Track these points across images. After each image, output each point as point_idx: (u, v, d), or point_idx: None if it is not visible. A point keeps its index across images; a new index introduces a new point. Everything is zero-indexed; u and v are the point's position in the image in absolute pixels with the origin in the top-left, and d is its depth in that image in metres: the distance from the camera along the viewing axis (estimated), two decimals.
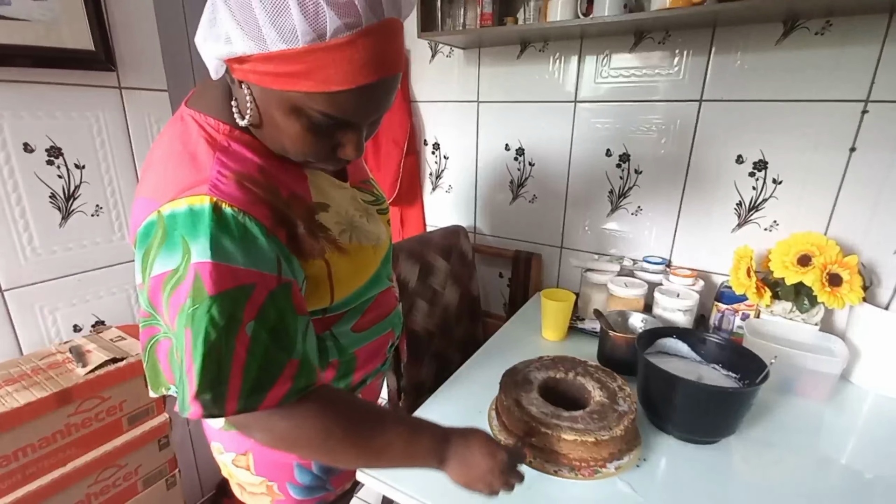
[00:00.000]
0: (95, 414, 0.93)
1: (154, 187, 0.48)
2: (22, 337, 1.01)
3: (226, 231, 0.45)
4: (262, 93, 0.46)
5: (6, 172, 0.93)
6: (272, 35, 0.40)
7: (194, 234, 0.44)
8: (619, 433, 0.69)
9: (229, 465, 0.71)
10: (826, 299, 0.93)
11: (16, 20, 0.90)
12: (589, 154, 1.30)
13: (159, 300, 0.47)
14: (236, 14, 0.41)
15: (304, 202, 0.54)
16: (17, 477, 0.84)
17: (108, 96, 1.06)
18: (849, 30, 0.95)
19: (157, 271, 0.46)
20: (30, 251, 0.99)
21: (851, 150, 1.00)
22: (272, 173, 0.52)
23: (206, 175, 0.46)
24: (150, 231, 0.46)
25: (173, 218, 0.45)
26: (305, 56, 0.41)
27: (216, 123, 0.51)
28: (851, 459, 0.76)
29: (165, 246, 0.45)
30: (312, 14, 0.39)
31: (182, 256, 0.44)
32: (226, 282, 0.44)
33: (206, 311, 0.44)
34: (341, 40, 0.41)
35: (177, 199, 0.45)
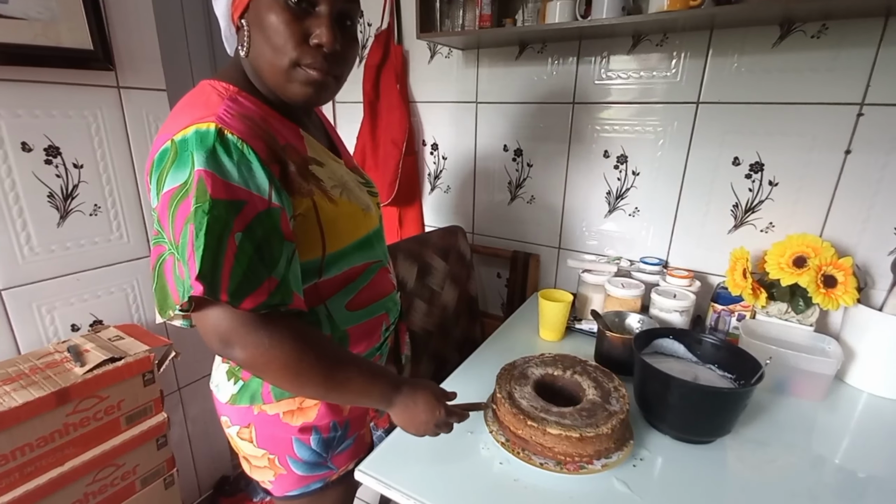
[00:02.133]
0: (94, 413, 0.94)
1: (166, 127, 0.56)
2: (20, 336, 1.01)
3: (226, 152, 0.52)
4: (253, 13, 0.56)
5: (4, 171, 0.93)
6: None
7: (200, 148, 0.51)
8: (606, 431, 0.69)
9: (235, 437, 0.74)
10: (821, 300, 0.94)
11: (13, 18, 0.90)
12: (587, 155, 1.31)
13: (166, 216, 0.52)
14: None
15: (298, 152, 0.62)
16: (15, 476, 0.84)
17: (106, 95, 1.06)
18: (845, 33, 0.96)
19: (167, 187, 0.52)
20: (28, 250, 0.99)
21: (847, 153, 1.01)
22: (272, 125, 0.60)
23: (213, 111, 0.54)
24: (164, 156, 0.53)
25: (184, 141, 0.52)
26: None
27: (226, 85, 0.60)
28: (845, 459, 0.77)
29: (176, 164, 0.52)
30: None
31: (189, 170, 0.51)
32: (221, 192, 0.51)
33: (208, 210, 0.50)
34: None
35: (187, 128, 0.52)
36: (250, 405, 0.70)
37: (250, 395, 0.70)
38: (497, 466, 0.72)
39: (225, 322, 0.53)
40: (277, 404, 0.70)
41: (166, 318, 0.57)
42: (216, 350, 0.57)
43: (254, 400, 0.70)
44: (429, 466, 0.72)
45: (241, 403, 0.70)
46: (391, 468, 0.71)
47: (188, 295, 0.50)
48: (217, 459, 1.53)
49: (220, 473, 1.55)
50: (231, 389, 0.71)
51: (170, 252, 0.55)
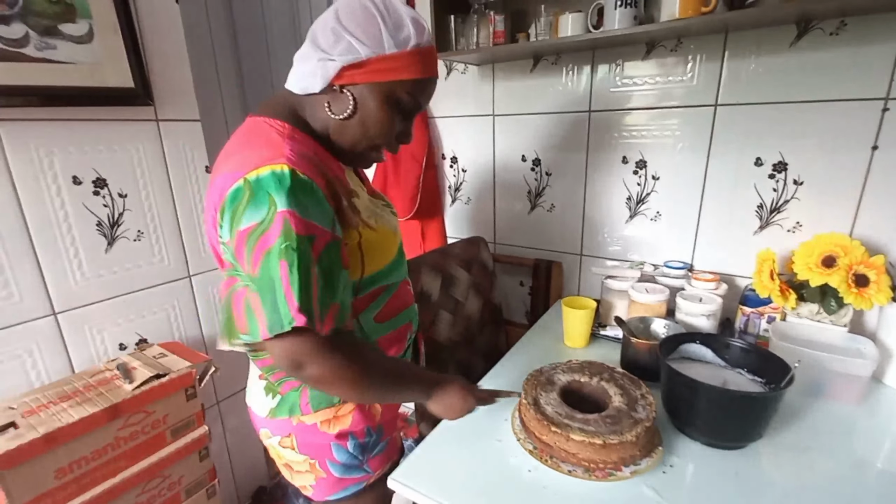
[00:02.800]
0: (142, 427, 0.99)
1: (234, 165, 0.59)
2: (73, 356, 1.08)
3: (301, 190, 0.57)
4: (362, 90, 0.63)
5: (57, 204, 1.01)
6: (390, 42, 0.60)
7: (280, 190, 0.55)
8: (630, 439, 0.69)
9: (277, 447, 0.79)
10: (853, 300, 0.92)
11: (64, 63, 0.98)
12: (605, 162, 1.32)
13: (242, 251, 0.57)
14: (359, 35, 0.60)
15: (344, 185, 0.68)
16: (72, 488, 0.90)
17: (147, 129, 1.13)
18: (864, 29, 0.95)
19: (244, 225, 0.56)
20: (79, 276, 1.06)
21: (874, 149, 0.99)
22: (321, 159, 0.66)
23: (280, 152, 0.59)
24: (237, 194, 0.57)
25: (258, 181, 0.56)
26: (409, 56, 0.62)
27: (282, 123, 0.65)
28: (888, 462, 0.75)
29: (252, 203, 0.56)
30: (419, 30, 0.62)
31: (268, 209, 0.55)
32: (303, 229, 0.56)
33: (297, 248, 0.55)
34: (427, 48, 0.64)
35: (260, 168, 0.56)
36: (289, 417, 0.75)
37: (289, 407, 0.75)
38: (526, 474, 0.73)
39: (298, 346, 0.58)
40: (315, 415, 0.75)
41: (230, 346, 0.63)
42: (288, 371, 0.61)
43: (292, 412, 0.75)
44: (459, 475, 0.74)
45: (280, 416, 0.76)
46: (422, 477, 0.73)
47: (291, 326, 0.55)
48: (254, 470, 1.59)
49: (258, 484, 1.60)
50: (269, 404, 0.76)
51: (242, 284, 0.60)
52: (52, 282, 1.02)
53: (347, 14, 0.61)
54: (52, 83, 0.97)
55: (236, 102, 1.79)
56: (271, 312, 0.56)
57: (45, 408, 0.91)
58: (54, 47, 0.96)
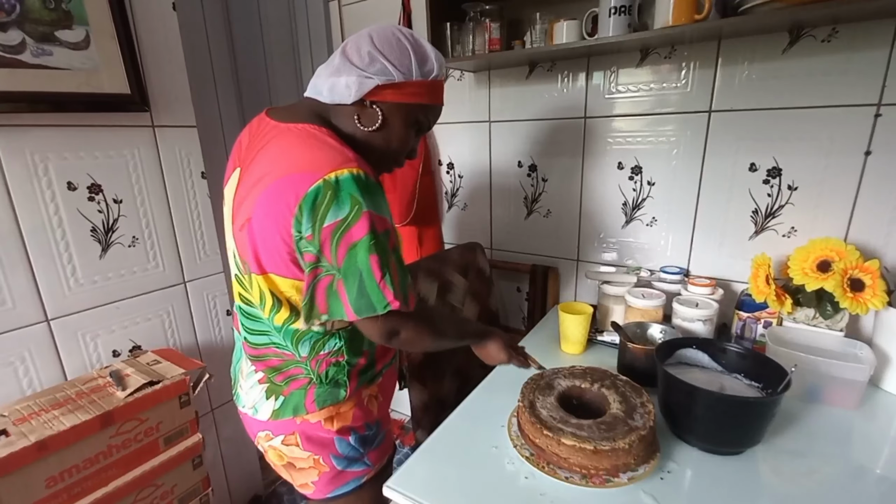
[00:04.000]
0: (135, 435, 0.98)
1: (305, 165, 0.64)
2: (66, 363, 1.07)
3: (376, 191, 0.65)
4: (391, 108, 0.71)
5: (52, 209, 1.01)
6: (417, 72, 0.70)
7: (361, 191, 0.62)
8: (623, 446, 0.68)
9: (279, 447, 0.81)
10: (849, 305, 0.92)
11: (59, 69, 0.98)
12: (601, 168, 1.32)
13: (328, 245, 0.63)
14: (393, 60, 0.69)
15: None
16: (63, 497, 0.89)
17: (142, 134, 1.13)
18: (856, 36, 0.96)
19: (328, 222, 0.62)
20: (73, 282, 1.05)
21: (867, 154, 1.00)
22: None
23: (349, 156, 0.65)
24: (317, 194, 0.62)
25: (338, 182, 0.61)
26: (430, 85, 0.72)
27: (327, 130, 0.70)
28: (888, 468, 0.74)
29: (336, 202, 0.61)
30: (439, 63, 0.73)
31: (352, 207, 0.62)
32: (382, 224, 0.64)
33: (384, 241, 0.64)
34: (442, 80, 0.74)
35: (339, 169, 0.62)
36: (293, 417, 0.78)
37: (293, 407, 0.77)
38: (523, 481, 0.72)
39: (392, 321, 0.69)
40: (319, 412, 0.78)
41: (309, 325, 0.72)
42: (381, 340, 0.71)
43: (297, 412, 0.77)
44: (455, 482, 0.73)
45: (284, 417, 0.78)
46: (418, 484, 0.73)
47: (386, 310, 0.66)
48: (249, 478, 1.57)
49: (253, 492, 1.58)
50: (272, 406, 0.78)
51: (326, 273, 0.67)
52: (46, 288, 1.01)
53: (383, 41, 0.69)
54: (48, 89, 0.96)
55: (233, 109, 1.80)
56: (359, 298, 0.65)
57: (36, 415, 0.90)
58: (50, 53, 0.96)
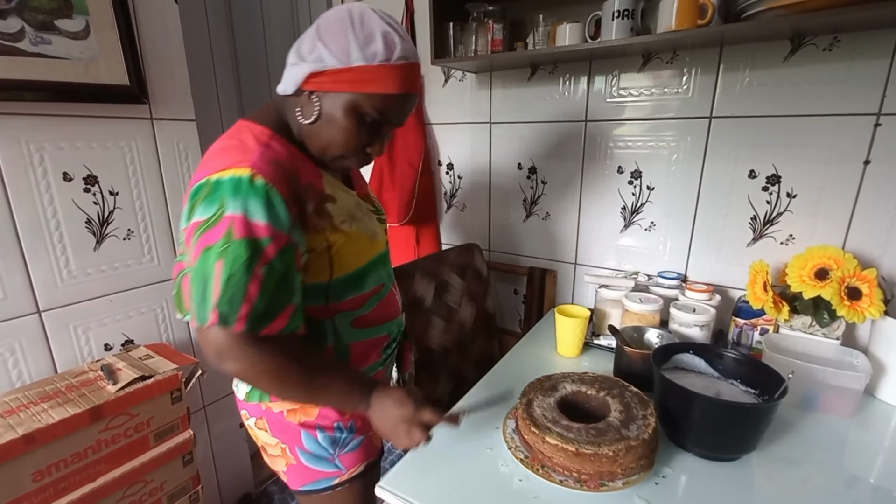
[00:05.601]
0: (124, 430, 0.97)
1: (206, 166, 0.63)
2: (57, 356, 1.06)
3: (257, 195, 0.59)
4: (329, 98, 0.64)
5: (46, 200, 1.00)
6: (357, 55, 0.61)
7: (234, 194, 0.59)
8: (608, 453, 0.67)
9: (254, 427, 0.82)
10: (846, 313, 0.92)
11: (57, 58, 0.97)
12: (601, 172, 1.32)
13: (190, 241, 0.61)
14: (330, 45, 0.61)
15: (317, 191, 0.69)
16: (50, 491, 0.87)
17: (140, 127, 1.12)
18: (857, 45, 0.96)
19: (195, 218, 0.60)
20: (66, 274, 1.04)
21: (866, 163, 1.00)
22: (297, 166, 0.67)
23: (249, 157, 0.61)
24: (199, 190, 0.61)
25: (219, 182, 0.59)
26: (375, 69, 0.61)
27: (262, 128, 0.67)
28: (881, 478, 0.74)
29: (206, 201, 0.59)
30: (388, 46, 0.61)
31: (217, 210, 0.58)
32: (249, 232, 0.59)
33: (234, 250, 0.58)
34: (398, 64, 0.63)
35: (223, 170, 0.60)
36: (259, 402, 0.78)
37: (259, 393, 0.78)
38: (517, 483, 0.72)
39: (221, 340, 0.60)
40: (281, 403, 0.77)
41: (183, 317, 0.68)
42: (210, 361, 0.63)
43: (262, 398, 0.78)
44: (448, 483, 0.72)
45: (252, 400, 0.79)
46: (410, 485, 0.72)
47: (205, 323, 0.59)
48: (240, 477, 1.55)
49: (244, 491, 1.57)
50: (245, 388, 0.80)
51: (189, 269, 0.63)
52: (38, 279, 1.00)
53: (326, 23, 0.63)
54: (46, 78, 0.95)
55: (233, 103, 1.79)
56: (199, 305, 0.60)
57: (25, 408, 0.89)
58: (49, 42, 0.96)
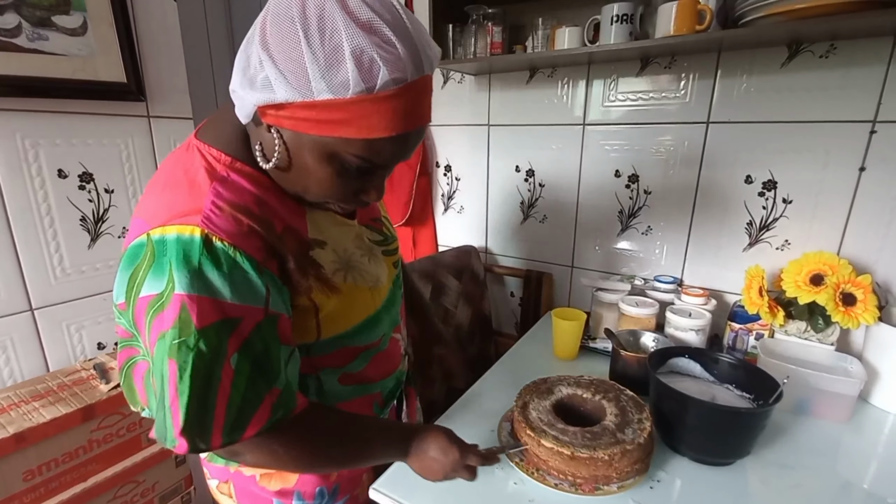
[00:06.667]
0: (116, 430, 0.96)
1: (148, 209, 0.49)
2: (49, 354, 1.05)
3: (215, 265, 0.45)
4: (294, 137, 0.46)
5: (41, 197, 0.99)
6: (321, 86, 0.41)
7: (181, 264, 0.44)
8: (602, 457, 0.67)
9: (215, 490, 0.72)
10: (840, 319, 0.93)
11: (55, 55, 0.97)
12: (598, 175, 1.32)
13: (142, 323, 0.47)
14: (280, 63, 0.42)
15: (298, 237, 0.54)
16: (41, 491, 0.87)
17: (137, 124, 1.12)
18: (853, 52, 0.97)
19: (143, 293, 0.46)
20: (60, 271, 1.03)
21: (861, 170, 1.01)
22: (269, 206, 0.52)
23: (199, 204, 0.46)
24: (137, 253, 0.46)
25: (162, 243, 0.45)
26: (351, 106, 0.42)
27: (218, 154, 0.51)
28: (874, 484, 0.74)
29: (153, 270, 0.45)
30: (367, 69, 0.41)
31: (167, 283, 0.44)
32: (211, 315, 0.45)
33: (193, 345, 0.44)
34: (388, 93, 0.42)
35: (167, 225, 0.46)
36: (226, 465, 0.67)
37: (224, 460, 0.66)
38: (511, 487, 0.71)
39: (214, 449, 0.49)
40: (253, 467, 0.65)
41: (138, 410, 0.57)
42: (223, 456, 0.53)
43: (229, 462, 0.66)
44: (442, 486, 0.72)
45: (217, 462, 0.67)
46: (404, 487, 0.71)
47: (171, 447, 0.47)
48: None
49: None
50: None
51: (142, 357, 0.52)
52: (31, 276, 0.99)
53: (273, 20, 0.43)
54: (43, 74, 0.95)
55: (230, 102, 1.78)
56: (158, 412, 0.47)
57: (16, 406, 0.88)
58: (46, 38, 0.95)
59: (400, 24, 0.43)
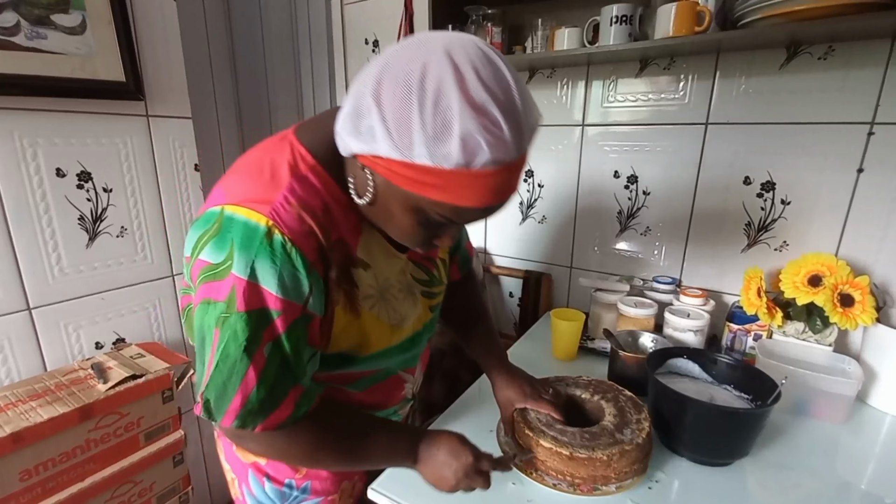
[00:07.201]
0: (114, 430, 0.96)
1: (229, 185, 0.53)
2: (47, 353, 1.04)
3: (270, 256, 0.48)
4: (385, 184, 0.48)
5: (39, 196, 0.99)
6: (423, 152, 0.42)
7: (242, 248, 0.48)
8: (601, 457, 0.67)
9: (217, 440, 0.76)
10: (838, 320, 0.93)
11: (54, 53, 0.96)
12: (597, 176, 1.33)
13: (195, 280, 0.51)
14: (388, 120, 0.43)
15: (347, 251, 0.56)
16: (37, 491, 0.86)
17: (136, 124, 1.11)
18: (852, 55, 0.97)
19: (203, 256, 0.50)
20: (58, 271, 1.03)
21: (859, 171, 1.01)
22: (332, 215, 0.54)
23: (272, 196, 0.50)
24: (209, 220, 0.51)
25: (230, 220, 0.49)
26: (448, 175, 0.43)
27: (306, 154, 0.54)
28: (872, 484, 0.75)
29: (216, 240, 0.49)
30: (471, 150, 0.42)
31: (226, 258, 0.48)
32: (255, 302, 0.48)
33: (233, 324, 0.48)
34: (485, 171, 0.43)
35: (240, 206, 0.49)
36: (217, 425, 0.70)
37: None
38: (510, 487, 0.71)
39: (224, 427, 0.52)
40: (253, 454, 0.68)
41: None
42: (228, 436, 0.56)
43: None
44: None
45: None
46: (402, 488, 0.71)
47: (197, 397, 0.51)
48: None
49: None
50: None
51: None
52: (29, 275, 0.99)
53: (390, 87, 0.43)
54: (41, 73, 0.95)
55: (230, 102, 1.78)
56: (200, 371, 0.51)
57: (13, 406, 0.88)
58: (45, 37, 0.95)
59: (511, 106, 0.43)
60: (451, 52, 0.42)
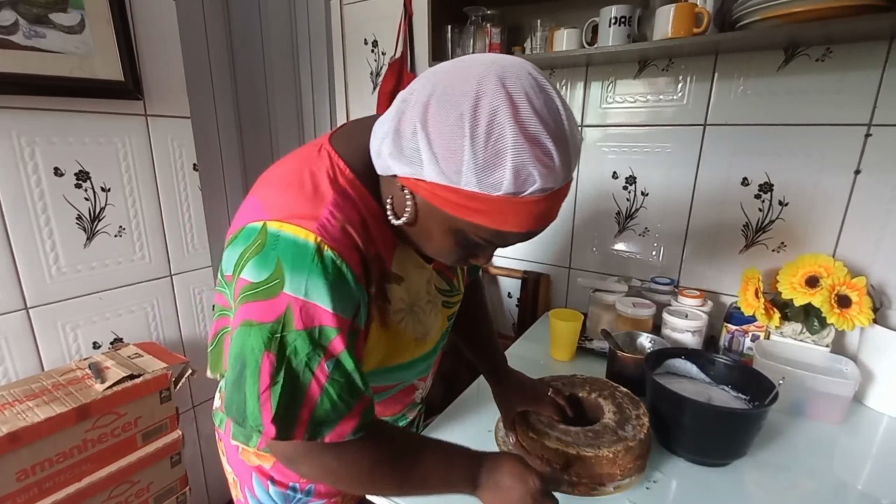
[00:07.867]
0: (112, 430, 0.96)
1: (269, 198, 0.52)
2: (44, 353, 1.04)
3: (323, 273, 0.47)
4: (426, 206, 0.48)
5: (36, 195, 0.98)
6: (471, 180, 0.42)
7: (294, 267, 0.46)
8: (607, 455, 0.67)
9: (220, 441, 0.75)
10: (835, 321, 0.93)
11: (52, 52, 0.96)
12: (596, 176, 1.33)
13: (236, 300, 0.50)
14: (436, 146, 0.43)
15: (383, 266, 0.56)
16: (34, 491, 0.86)
17: (134, 123, 1.11)
18: (849, 56, 0.97)
19: (244, 274, 0.49)
20: (55, 270, 1.03)
21: (856, 173, 1.01)
22: (370, 231, 0.53)
23: (318, 211, 0.49)
24: (250, 236, 0.49)
25: (276, 238, 0.48)
26: (495, 202, 0.43)
27: (344, 167, 0.53)
28: (868, 485, 0.75)
29: (259, 258, 0.48)
30: (522, 180, 0.42)
31: (272, 277, 0.47)
32: (313, 320, 0.47)
33: (293, 342, 0.47)
34: (533, 199, 0.44)
35: (285, 222, 0.48)
36: (219, 426, 0.71)
37: (220, 418, 0.72)
38: None
39: (284, 447, 0.51)
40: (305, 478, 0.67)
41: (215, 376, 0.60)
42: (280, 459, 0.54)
43: (221, 424, 0.71)
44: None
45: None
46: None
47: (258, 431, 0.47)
48: None
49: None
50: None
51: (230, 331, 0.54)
52: (26, 275, 0.99)
53: (439, 113, 0.43)
54: (40, 72, 0.94)
55: (229, 102, 1.78)
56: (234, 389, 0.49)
57: (10, 406, 0.87)
58: (43, 36, 0.95)
59: (562, 135, 0.44)
60: (504, 79, 0.42)
